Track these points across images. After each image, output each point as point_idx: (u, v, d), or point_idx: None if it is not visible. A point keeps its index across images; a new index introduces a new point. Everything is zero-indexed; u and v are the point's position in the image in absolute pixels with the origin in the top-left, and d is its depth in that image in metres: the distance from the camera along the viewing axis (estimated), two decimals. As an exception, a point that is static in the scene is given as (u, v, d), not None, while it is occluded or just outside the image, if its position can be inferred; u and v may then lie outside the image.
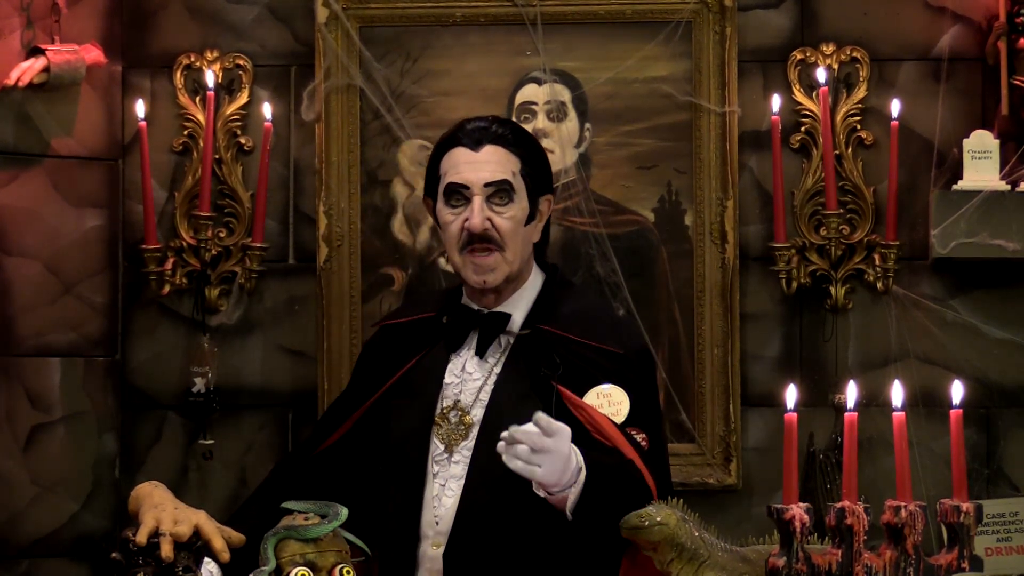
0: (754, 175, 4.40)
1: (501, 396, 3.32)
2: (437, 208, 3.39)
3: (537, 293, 3.42)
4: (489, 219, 3.31)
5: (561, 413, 3.25)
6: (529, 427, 3.02)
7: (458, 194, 3.34)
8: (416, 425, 3.36)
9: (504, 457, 3.04)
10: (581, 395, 3.29)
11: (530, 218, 3.38)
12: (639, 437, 3.29)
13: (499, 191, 3.33)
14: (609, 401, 3.31)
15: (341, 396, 3.60)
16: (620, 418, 3.30)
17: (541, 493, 3.09)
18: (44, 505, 4.33)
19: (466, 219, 3.32)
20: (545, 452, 3.02)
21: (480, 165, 3.33)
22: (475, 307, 3.41)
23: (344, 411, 3.50)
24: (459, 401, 3.36)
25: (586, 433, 3.25)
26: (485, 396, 3.34)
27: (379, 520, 3.32)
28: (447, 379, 3.38)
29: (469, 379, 3.37)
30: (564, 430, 3.05)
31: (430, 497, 3.32)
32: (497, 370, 3.36)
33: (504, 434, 3.04)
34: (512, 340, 3.37)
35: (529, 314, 3.39)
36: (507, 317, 3.38)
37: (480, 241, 3.31)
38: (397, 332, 3.51)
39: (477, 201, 3.31)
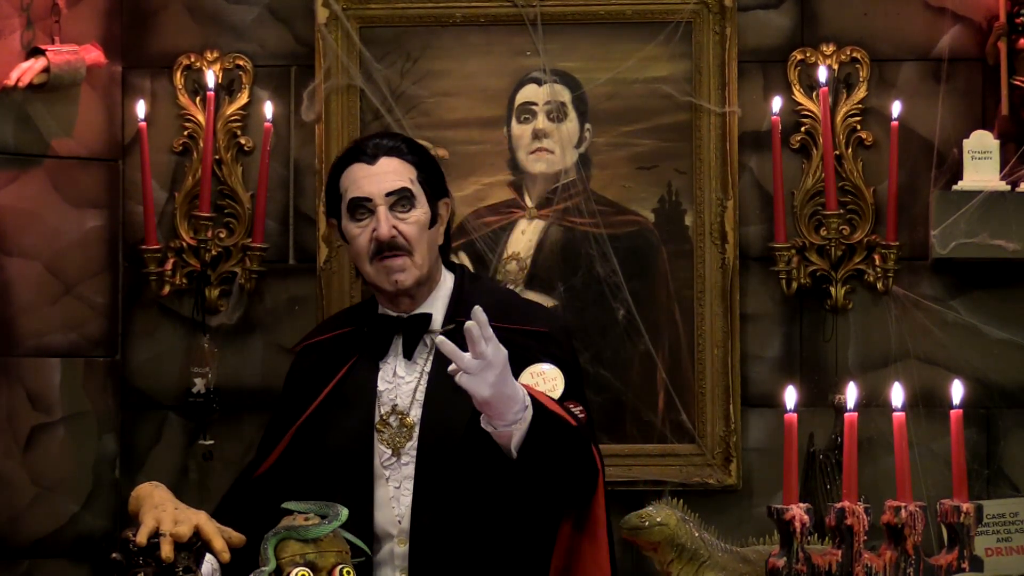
0: (754, 175, 4.40)
1: (436, 393, 3.42)
2: (343, 225, 3.52)
3: (451, 291, 3.53)
4: (395, 226, 3.45)
5: None
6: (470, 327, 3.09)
7: (362, 207, 3.48)
8: (356, 435, 3.45)
9: (451, 367, 3.10)
10: (515, 376, 3.33)
11: (432, 222, 3.51)
12: (577, 409, 3.36)
13: (400, 199, 3.47)
14: (544, 379, 3.38)
15: (273, 419, 3.65)
16: (556, 394, 3.37)
17: (488, 427, 3.17)
18: (44, 505, 4.33)
19: (373, 229, 3.45)
20: (485, 359, 3.08)
21: (379, 177, 3.47)
22: (394, 314, 3.52)
23: (279, 431, 3.56)
24: (396, 405, 3.46)
25: None
26: (421, 396, 3.44)
27: None
28: (380, 387, 3.48)
29: (402, 383, 3.47)
30: (500, 346, 3.12)
31: (387, 499, 3.41)
32: (427, 369, 3.47)
33: (440, 338, 3.12)
34: (436, 338, 3.43)
35: (448, 312, 3.51)
36: (428, 317, 3.50)
37: (389, 249, 3.44)
38: (317, 351, 3.61)
39: (382, 211, 3.45)
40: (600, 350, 4.34)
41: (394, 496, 3.41)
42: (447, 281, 3.55)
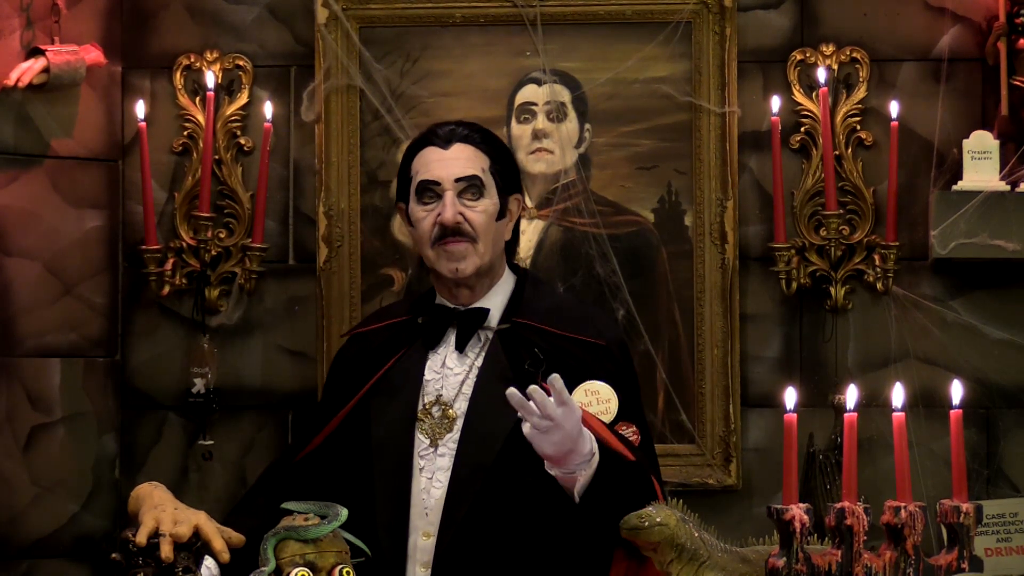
0: (754, 175, 4.40)
1: (484, 389, 3.38)
2: (410, 207, 3.48)
3: (511, 289, 3.50)
4: (461, 213, 3.41)
5: None
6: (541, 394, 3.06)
7: (430, 191, 3.44)
8: (399, 422, 3.42)
9: (521, 415, 3.07)
10: (567, 387, 3.31)
11: (500, 215, 3.46)
12: (630, 431, 3.32)
13: (470, 186, 3.43)
14: (597, 399, 3.34)
15: (320, 403, 3.64)
16: (610, 416, 3.33)
17: (553, 471, 3.14)
18: (44, 505, 4.33)
19: (438, 214, 3.41)
20: (553, 422, 3.05)
21: (450, 162, 3.44)
22: (451, 305, 3.47)
23: (324, 416, 3.54)
24: (441, 396, 3.42)
25: None
26: (468, 389, 3.40)
27: (368, 516, 3.34)
28: (427, 376, 3.44)
29: (450, 374, 3.43)
30: (575, 407, 3.08)
31: (418, 490, 3.38)
32: (478, 364, 3.42)
33: (511, 391, 3.07)
34: (491, 335, 3.42)
35: (505, 309, 3.46)
36: (485, 312, 3.45)
37: (452, 235, 3.40)
38: (369, 339, 3.57)
39: (449, 196, 3.41)
40: (600, 350, 4.34)
41: (425, 488, 3.37)
42: (508, 279, 3.51)
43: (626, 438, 3.31)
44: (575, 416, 3.08)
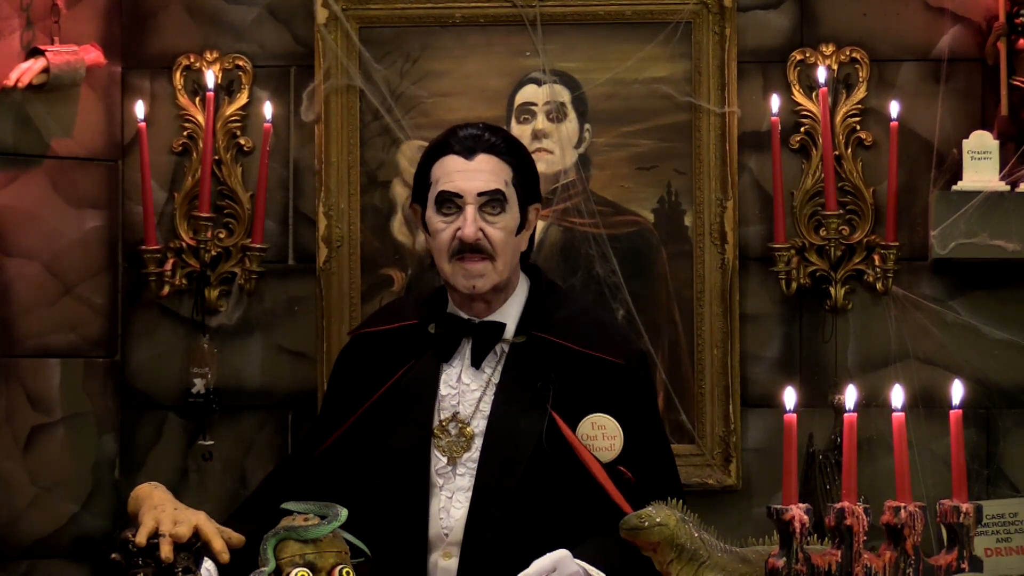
0: (754, 176, 4.40)
1: (502, 407, 3.32)
2: (427, 215, 3.40)
3: (526, 298, 3.43)
4: (481, 229, 3.32)
5: (552, 439, 3.28)
6: None
7: (450, 202, 3.34)
8: (414, 438, 3.35)
9: None
10: (580, 411, 3.29)
11: (520, 227, 3.39)
12: (630, 473, 3.31)
13: (492, 201, 3.34)
14: (603, 434, 3.31)
15: (325, 407, 3.58)
16: (613, 453, 3.30)
17: None
18: (44, 506, 4.33)
19: (458, 228, 3.33)
20: None
21: (473, 174, 3.34)
22: (465, 316, 3.40)
23: (332, 421, 3.47)
24: (458, 413, 3.35)
25: (575, 463, 3.29)
26: (485, 407, 3.34)
27: (384, 532, 3.31)
28: (442, 391, 3.37)
29: (467, 390, 3.36)
30: (562, 559, 3.07)
31: (437, 508, 3.33)
32: (495, 380, 3.36)
33: None
34: (507, 349, 3.37)
35: (521, 321, 3.40)
36: (501, 327, 3.38)
37: (472, 251, 3.32)
38: (377, 341, 3.49)
39: (470, 210, 3.32)
40: (600, 350, 4.34)
41: (444, 507, 3.32)
42: (523, 287, 3.43)
43: (622, 479, 3.29)
44: (569, 564, 3.08)
